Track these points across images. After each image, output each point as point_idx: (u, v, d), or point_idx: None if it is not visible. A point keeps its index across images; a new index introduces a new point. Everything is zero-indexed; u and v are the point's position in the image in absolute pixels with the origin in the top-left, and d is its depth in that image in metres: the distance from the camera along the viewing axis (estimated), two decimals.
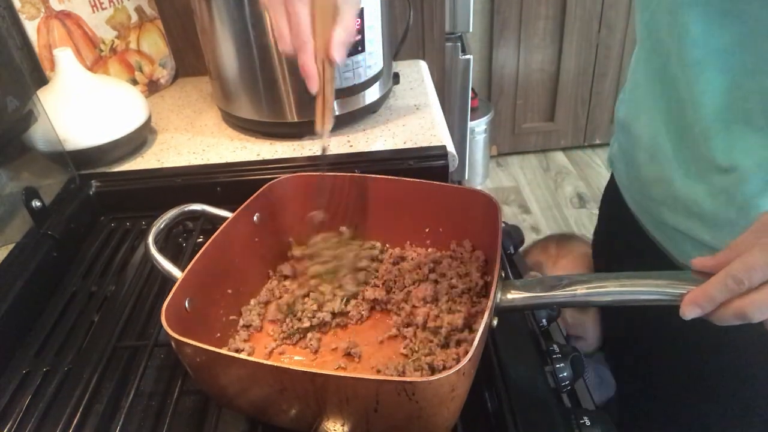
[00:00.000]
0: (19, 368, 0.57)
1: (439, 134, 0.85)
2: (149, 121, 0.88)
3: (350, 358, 0.54)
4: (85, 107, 0.80)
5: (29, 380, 0.55)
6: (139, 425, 0.52)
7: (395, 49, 1.05)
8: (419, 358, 0.51)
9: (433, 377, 0.38)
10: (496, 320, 0.45)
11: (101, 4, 0.96)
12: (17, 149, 0.73)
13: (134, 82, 1.04)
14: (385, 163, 0.80)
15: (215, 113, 1.00)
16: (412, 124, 0.91)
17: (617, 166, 0.71)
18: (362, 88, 0.87)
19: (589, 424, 0.47)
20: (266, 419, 0.49)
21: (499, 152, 2.73)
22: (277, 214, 0.64)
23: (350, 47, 0.50)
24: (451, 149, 0.81)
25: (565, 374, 0.51)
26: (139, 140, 0.88)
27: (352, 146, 0.84)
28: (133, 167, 0.85)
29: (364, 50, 0.84)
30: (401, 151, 0.82)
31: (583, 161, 2.68)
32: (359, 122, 0.92)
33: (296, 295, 0.59)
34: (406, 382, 0.38)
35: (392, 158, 0.80)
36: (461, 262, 0.61)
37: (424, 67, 1.13)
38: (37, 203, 0.69)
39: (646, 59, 0.58)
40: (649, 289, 0.40)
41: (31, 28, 0.87)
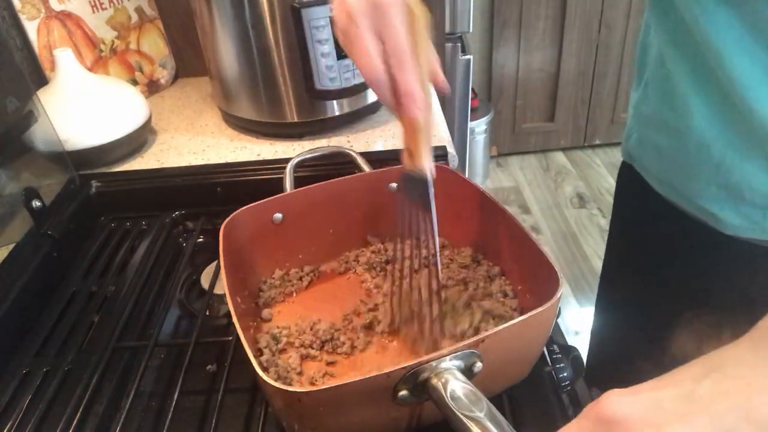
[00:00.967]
0: (19, 368, 0.57)
1: (439, 134, 0.85)
2: (149, 121, 0.88)
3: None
4: (85, 107, 0.80)
5: (29, 380, 0.55)
6: (139, 425, 0.52)
7: None
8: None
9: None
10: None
11: (101, 4, 0.96)
12: (17, 149, 0.73)
13: (134, 82, 1.04)
14: (384, 163, 0.79)
15: (215, 113, 1.00)
16: None
17: (641, 156, 0.67)
18: (362, 88, 0.87)
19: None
20: None
21: (499, 152, 2.73)
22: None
23: None
24: (451, 149, 0.81)
25: (565, 374, 0.51)
26: (139, 140, 0.88)
27: (352, 146, 0.84)
28: (133, 167, 0.85)
29: None
30: (401, 151, 0.82)
31: (583, 161, 2.68)
32: (359, 122, 0.92)
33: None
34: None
35: (392, 159, 0.80)
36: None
37: None
38: (37, 203, 0.69)
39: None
40: None
41: (31, 28, 0.87)
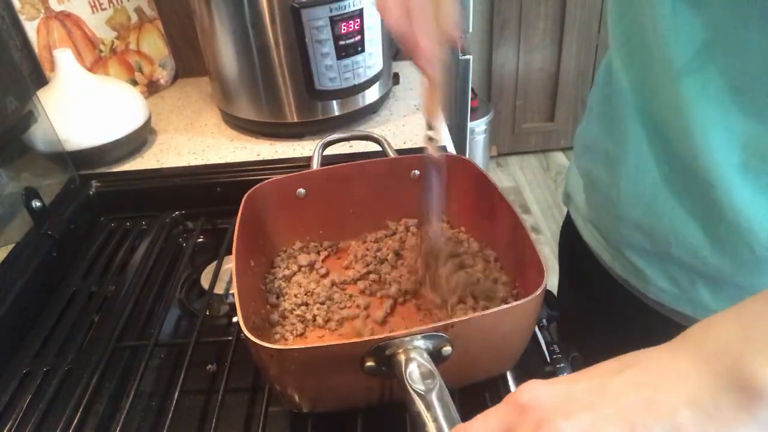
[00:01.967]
0: (19, 368, 0.57)
1: (439, 134, 0.85)
2: (149, 121, 0.88)
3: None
4: (85, 108, 0.80)
5: (29, 380, 0.55)
6: (139, 425, 0.52)
7: (395, 49, 1.05)
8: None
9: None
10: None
11: (101, 4, 0.96)
12: (17, 149, 0.73)
13: (134, 82, 1.04)
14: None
15: (215, 114, 1.00)
16: (412, 124, 0.91)
17: (576, 193, 0.66)
18: (362, 88, 0.87)
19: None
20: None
21: (499, 152, 2.73)
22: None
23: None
24: (451, 149, 0.81)
25: (564, 374, 0.51)
26: (139, 141, 0.88)
27: (351, 146, 0.84)
28: (133, 167, 0.85)
29: (364, 50, 0.84)
30: (401, 151, 0.81)
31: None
32: (359, 123, 0.92)
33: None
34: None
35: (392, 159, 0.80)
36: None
37: None
38: (37, 203, 0.69)
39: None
40: None
41: (30, 28, 0.87)
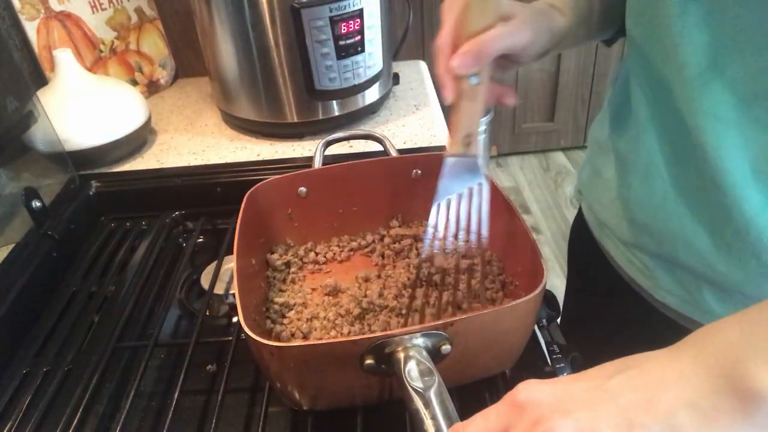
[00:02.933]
0: (19, 368, 0.57)
1: (439, 134, 0.86)
2: (149, 121, 0.88)
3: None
4: (85, 108, 0.80)
5: (29, 380, 0.55)
6: (139, 425, 0.52)
7: (395, 49, 1.05)
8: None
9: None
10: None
11: (101, 4, 0.96)
12: (17, 149, 0.73)
13: (134, 82, 1.04)
14: None
15: (215, 114, 1.00)
16: (412, 124, 0.91)
17: (589, 191, 0.66)
18: (362, 88, 0.87)
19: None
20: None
21: (499, 152, 2.73)
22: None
23: (472, 61, 0.43)
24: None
25: (564, 374, 0.51)
26: (139, 141, 0.88)
27: (351, 147, 0.84)
28: (133, 167, 0.85)
29: (364, 50, 0.84)
30: (401, 151, 0.81)
31: (583, 161, 2.68)
32: (359, 123, 0.92)
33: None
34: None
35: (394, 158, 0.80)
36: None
37: (424, 67, 1.13)
38: (37, 203, 0.69)
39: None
40: None
41: (30, 28, 0.87)
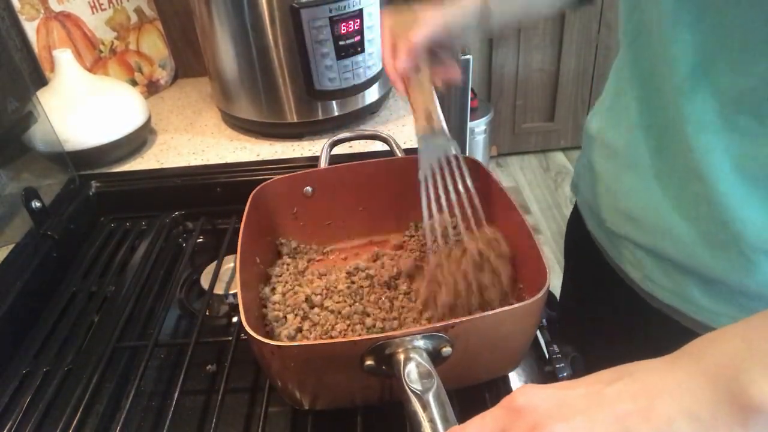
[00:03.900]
0: (19, 368, 0.57)
1: None
2: (149, 121, 0.88)
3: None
4: (84, 108, 0.80)
5: (29, 380, 0.55)
6: (139, 425, 0.52)
7: None
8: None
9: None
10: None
11: (101, 5, 0.96)
12: (17, 150, 0.73)
13: (134, 83, 1.04)
14: None
15: (215, 114, 1.00)
16: (411, 124, 0.91)
17: (582, 183, 0.67)
18: (362, 88, 0.87)
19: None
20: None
21: (498, 152, 2.72)
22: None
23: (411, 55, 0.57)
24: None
25: (565, 374, 0.51)
26: (138, 141, 0.88)
27: (351, 147, 0.84)
28: (133, 168, 0.85)
29: (363, 50, 0.84)
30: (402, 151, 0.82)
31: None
32: (359, 123, 0.92)
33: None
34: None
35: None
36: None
37: None
38: (36, 204, 0.69)
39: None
40: None
41: (30, 29, 0.87)
